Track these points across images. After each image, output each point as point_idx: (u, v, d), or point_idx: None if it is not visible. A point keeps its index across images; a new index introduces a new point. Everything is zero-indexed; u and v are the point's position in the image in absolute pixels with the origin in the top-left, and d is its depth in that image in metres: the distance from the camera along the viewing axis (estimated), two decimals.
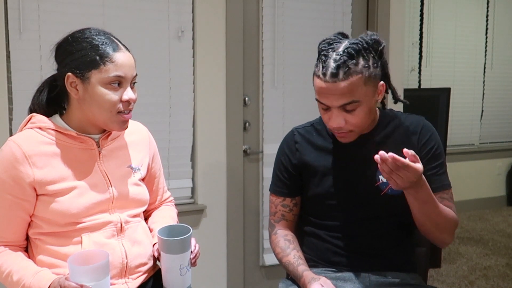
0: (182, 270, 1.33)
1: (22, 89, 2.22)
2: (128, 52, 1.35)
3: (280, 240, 1.58)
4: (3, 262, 1.32)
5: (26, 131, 1.35)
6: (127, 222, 1.41)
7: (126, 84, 1.33)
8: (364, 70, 1.37)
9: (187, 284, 1.36)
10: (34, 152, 1.30)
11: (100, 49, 1.30)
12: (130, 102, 1.35)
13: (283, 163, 1.60)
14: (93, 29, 1.35)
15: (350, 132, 1.46)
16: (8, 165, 1.29)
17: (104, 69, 1.30)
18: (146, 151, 1.53)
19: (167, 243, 1.32)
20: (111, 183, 1.39)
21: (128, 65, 1.33)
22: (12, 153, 1.29)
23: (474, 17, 4.96)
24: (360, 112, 1.41)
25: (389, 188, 1.48)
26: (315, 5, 2.80)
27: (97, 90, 1.30)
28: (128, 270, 1.39)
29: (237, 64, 2.63)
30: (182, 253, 1.32)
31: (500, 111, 5.23)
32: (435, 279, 3.30)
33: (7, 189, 1.30)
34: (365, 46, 1.39)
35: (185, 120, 2.57)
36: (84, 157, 1.37)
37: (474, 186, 5.06)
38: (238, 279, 2.73)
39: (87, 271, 1.15)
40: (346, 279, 1.49)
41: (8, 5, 2.17)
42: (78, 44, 1.31)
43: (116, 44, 1.33)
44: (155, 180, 1.60)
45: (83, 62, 1.30)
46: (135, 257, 1.40)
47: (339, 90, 1.36)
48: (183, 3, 2.50)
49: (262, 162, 2.76)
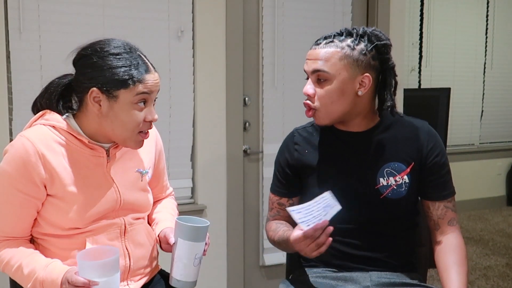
0: (196, 260, 1.33)
1: (22, 89, 2.21)
2: (156, 72, 1.34)
3: (272, 224, 1.59)
4: (11, 256, 1.29)
5: (38, 127, 1.31)
6: (131, 224, 1.41)
7: (150, 103, 1.33)
8: (346, 48, 1.40)
9: (196, 277, 1.36)
10: (47, 151, 1.26)
11: (131, 69, 1.27)
12: (152, 122, 1.34)
13: (281, 164, 1.60)
14: (123, 44, 1.31)
15: (316, 111, 1.46)
16: (20, 162, 1.25)
17: (134, 89, 1.27)
18: (153, 151, 1.52)
19: (190, 229, 1.32)
20: (120, 190, 1.38)
21: (156, 85, 1.32)
22: (25, 150, 1.25)
23: (474, 17, 4.95)
24: (329, 89, 1.42)
25: (389, 191, 1.48)
26: (315, 5, 2.80)
27: (123, 110, 1.28)
28: (130, 272, 1.38)
29: (237, 64, 2.63)
30: (201, 241, 1.33)
31: (500, 111, 5.23)
32: (435, 279, 3.29)
33: (19, 186, 1.26)
34: (360, 33, 1.42)
35: (185, 120, 2.57)
36: (92, 164, 1.35)
37: (474, 186, 5.06)
38: (238, 279, 2.73)
39: (96, 267, 1.14)
40: (347, 279, 1.49)
41: (8, 5, 2.17)
42: (108, 60, 1.27)
43: (146, 65, 1.31)
44: (161, 178, 1.60)
45: (112, 80, 1.26)
46: (138, 259, 1.40)
47: (314, 55, 1.44)
48: (183, 3, 2.50)
49: (262, 162, 2.76)
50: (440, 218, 1.51)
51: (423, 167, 1.50)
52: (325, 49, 1.42)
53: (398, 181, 1.49)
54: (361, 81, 1.42)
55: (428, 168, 1.50)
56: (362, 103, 1.46)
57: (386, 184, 1.48)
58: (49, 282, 1.22)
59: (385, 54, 1.45)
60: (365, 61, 1.41)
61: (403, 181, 1.49)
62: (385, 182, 1.48)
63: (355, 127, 1.51)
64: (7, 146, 1.30)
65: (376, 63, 1.44)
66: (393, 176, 1.48)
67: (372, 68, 1.43)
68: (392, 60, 1.47)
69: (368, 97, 1.46)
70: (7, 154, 1.28)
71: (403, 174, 1.49)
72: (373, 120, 1.52)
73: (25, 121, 1.38)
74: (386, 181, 1.48)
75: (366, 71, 1.42)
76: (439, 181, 1.51)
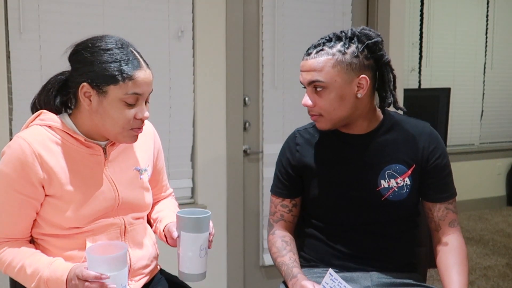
0: (202, 251, 1.31)
1: (22, 89, 2.21)
2: (148, 69, 1.31)
3: (277, 240, 1.57)
4: (13, 257, 1.28)
5: (34, 127, 1.30)
6: (131, 224, 1.40)
7: (141, 101, 1.30)
8: (338, 54, 1.38)
9: (204, 269, 1.34)
10: (43, 151, 1.26)
11: (121, 65, 1.25)
12: (143, 119, 1.32)
13: (283, 164, 1.60)
14: (115, 40, 1.30)
15: (320, 116, 1.45)
16: (17, 163, 1.25)
17: (124, 86, 1.25)
18: (151, 149, 1.51)
19: (190, 221, 1.30)
20: (118, 189, 1.37)
21: (147, 83, 1.29)
22: (22, 151, 1.24)
23: (474, 17, 4.95)
24: (327, 96, 1.41)
25: (390, 193, 1.48)
26: (315, 5, 2.80)
27: (112, 106, 1.27)
28: (131, 272, 1.38)
29: (237, 64, 2.63)
30: (203, 232, 1.31)
31: (500, 111, 5.23)
32: (435, 279, 3.29)
33: (17, 187, 1.26)
34: (349, 36, 1.40)
35: (185, 120, 2.57)
36: (90, 162, 1.34)
37: (474, 186, 5.06)
38: (238, 279, 2.73)
39: (105, 261, 1.14)
40: (348, 280, 1.48)
41: (8, 5, 2.17)
42: (99, 55, 1.26)
43: (138, 61, 1.28)
44: (160, 177, 1.58)
45: (102, 75, 1.25)
46: (138, 259, 1.40)
47: (307, 67, 1.42)
48: (183, 3, 2.50)
49: (262, 162, 2.76)
50: (441, 220, 1.51)
51: (424, 169, 1.50)
52: (316, 58, 1.40)
53: (399, 183, 1.48)
54: (359, 83, 1.41)
55: (429, 170, 1.50)
56: (363, 104, 1.45)
57: (387, 186, 1.48)
58: (54, 280, 1.21)
59: (378, 51, 1.43)
60: (358, 63, 1.40)
61: (404, 183, 1.49)
62: (387, 184, 1.48)
63: (357, 129, 1.51)
64: (4, 147, 1.30)
65: (371, 62, 1.42)
66: (394, 178, 1.48)
67: (367, 68, 1.42)
68: (386, 55, 1.45)
69: (368, 97, 1.46)
70: (4, 155, 1.28)
71: (404, 176, 1.49)
72: (375, 120, 1.52)
73: (25, 121, 1.37)
74: (387, 183, 1.48)
75: (362, 72, 1.41)
76: (440, 183, 1.51)
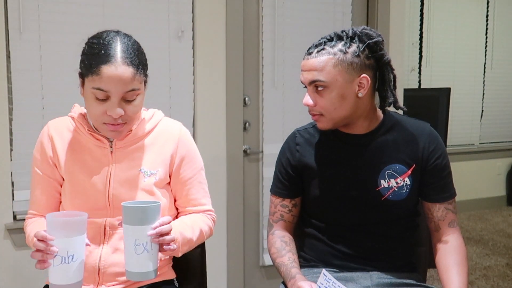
0: (138, 247, 1.16)
1: (22, 89, 2.21)
2: (126, 66, 1.25)
3: (276, 240, 1.57)
4: (31, 230, 1.38)
5: (64, 117, 1.47)
6: (114, 227, 1.38)
7: (114, 99, 1.26)
8: (339, 53, 1.38)
9: (145, 268, 1.17)
10: (56, 135, 1.41)
11: (92, 58, 1.25)
12: (114, 117, 1.28)
13: (283, 164, 1.59)
14: (107, 34, 1.30)
15: (321, 116, 1.45)
16: (39, 145, 1.43)
17: (91, 79, 1.25)
18: (169, 153, 1.45)
19: (123, 210, 1.17)
20: (111, 185, 1.37)
21: (117, 80, 1.24)
22: (42, 133, 1.44)
23: (474, 17, 4.96)
24: (328, 96, 1.41)
25: (390, 193, 1.48)
26: (315, 5, 2.80)
27: (87, 97, 1.30)
28: (101, 276, 1.36)
29: (237, 64, 2.63)
30: (136, 225, 1.16)
31: (500, 111, 5.23)
32: (435, 279, 3.29)
33: (39, 166, 1.42)
34: (350, 36, 1.40)
35: (185, 120, 2.55)
36: (97, 154, 1.40)
37: (474, 186, 5.06)
38: (238, 279, 2.73)
39: (58, 224, 1.16)
40: (348, 279, 1.49)
41: (8, 5, 2.17)
42: (87, 46, 1.30)
43: (111, 56, 1.24)
44: (185, 189, 1.48)
45: (83, 66, 1.30)
46: (112, 265, 1.37)
47: (308, 66, 1.42)
48: (183, 3, 2.50)
49: (262, 162, 2.76)
50: (440, 220, 1.51)
51: (424, 169, 1.50)
52: (317, 58, 1.40)
53: (399, 183, 1.48)
54: (360, 83, 1.41)
55: (429, 170, 1.50)
56: (363, 104, 1.45)
57: (387, 186, 1.48)
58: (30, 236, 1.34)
59: (378, 51, 1.43)
60: (359, 63, 1.40)
61: (404, 183, 1.49)
62: (386, 184, 1.48)
63: (357, 129, 1.50)
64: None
65: (371, 62, 1.43)
66: (394, 178, 1.48)
67: (368, 67, 1.42)
68: (386, 55, 1.45)
69: (368, 96, 1.46)
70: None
71: (404, 176, 1.49)
72: (375, 120, 1.52)
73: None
74: (387, 183, 1.48)
75: (363, 71, 1.41)
76: (440, 183, 1.51)
